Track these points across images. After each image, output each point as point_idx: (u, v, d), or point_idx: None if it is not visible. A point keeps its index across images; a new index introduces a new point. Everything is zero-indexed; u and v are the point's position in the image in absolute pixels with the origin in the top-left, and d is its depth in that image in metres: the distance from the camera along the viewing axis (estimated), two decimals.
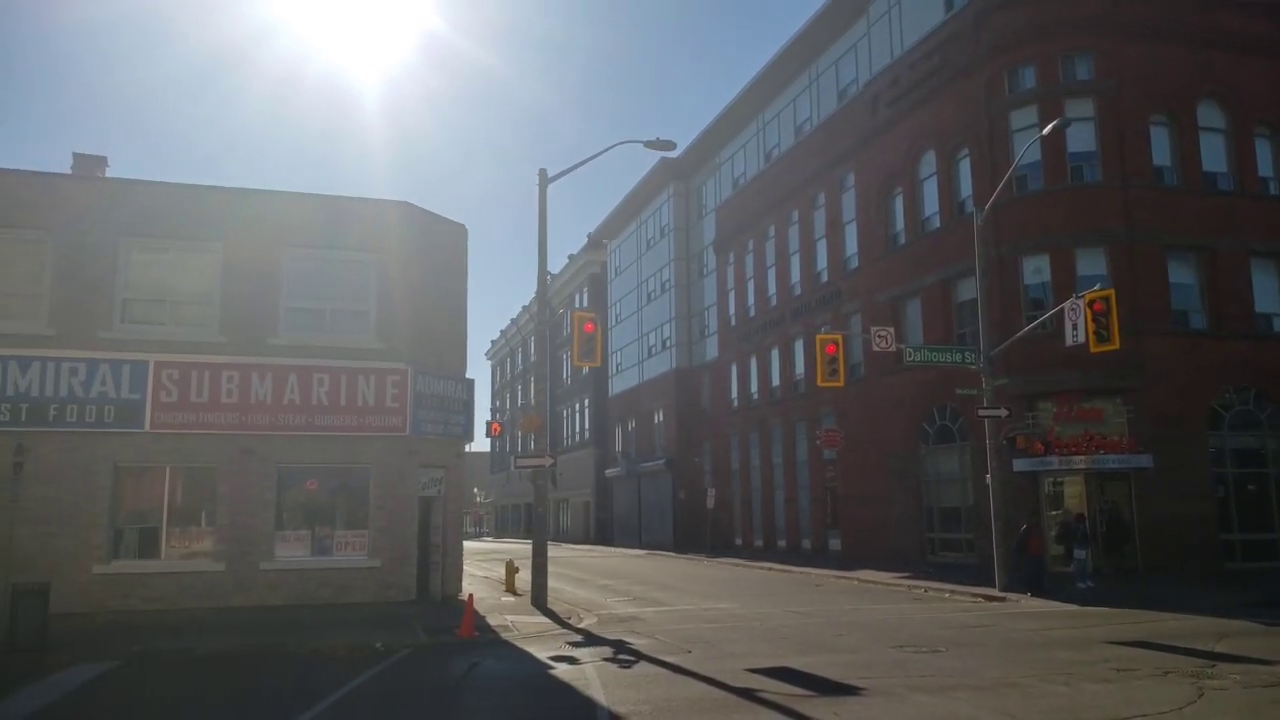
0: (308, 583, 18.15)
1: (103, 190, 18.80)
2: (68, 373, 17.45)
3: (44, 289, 17.84)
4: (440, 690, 11.36)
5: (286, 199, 19.68)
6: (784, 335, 37.84)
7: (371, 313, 19.64)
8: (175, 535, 18.04)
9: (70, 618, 15.77)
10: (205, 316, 18.70)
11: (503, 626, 16.71)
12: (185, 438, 17.93)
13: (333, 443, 18.74)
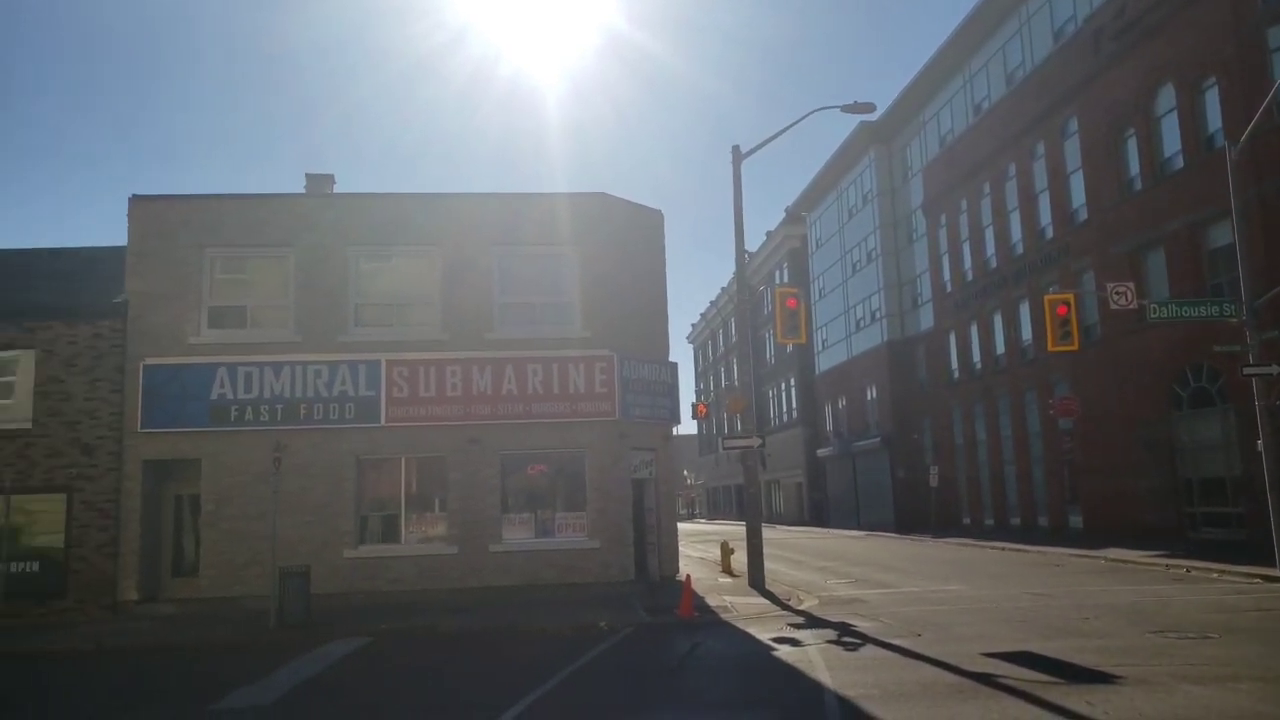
0: (533, 564, 19.10)
1: (333, 206, 20.55)
2: (313, 375, 19.25)
3: (289, 300, 19.75)
4: (664, 669, 11.61)
5: (495, 200, 20.70)
6: (1007, 298, 35.64)
7: (577, 303, 20.32)
8: (413, 521, 19.52)
9: (327, 598, 17.46)
10: (429, 317, 20.04)
11: (721, 607, 16.86)
12: (417, 430, 19.33)
13: (549, 429, 19.58)
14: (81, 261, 21.48)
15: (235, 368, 19.01)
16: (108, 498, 18.45)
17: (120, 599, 18.21)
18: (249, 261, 20.04)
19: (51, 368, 18.74)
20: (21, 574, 17.88)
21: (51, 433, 18.53)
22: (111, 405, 18.74)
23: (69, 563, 18.27)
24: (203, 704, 10.33)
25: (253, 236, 19.80)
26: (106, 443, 18.62)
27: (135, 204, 19.63)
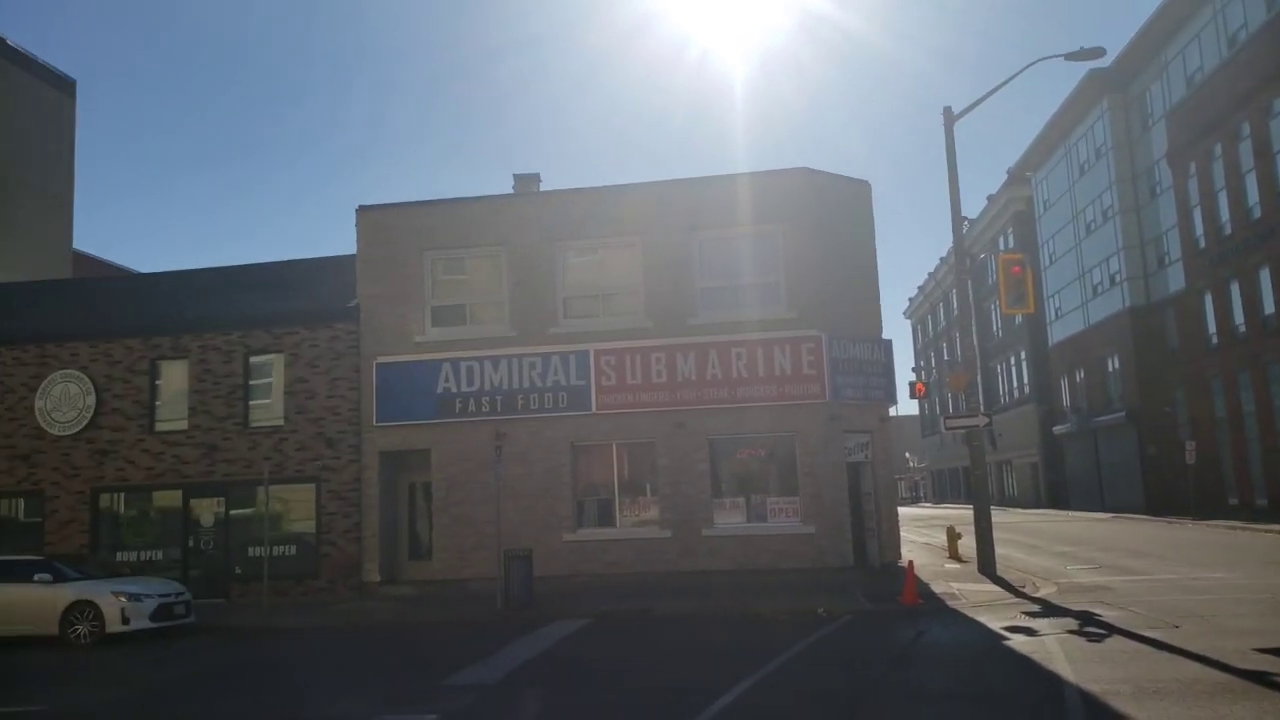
0: (746, 548, 19.03)
1: (540, 203, 21.37)
2: (528, 367, 20.13)
3: (504, 296, 20.76)
4: (887, 657, 11.19)
5: (692, 185, 20.73)
6: (1274, 251, 31.65)
7: (781, 283, 19.99)
8: (626, 505, 19.99)
9: (548, 580, 18.22)
10: (633, 305, 20.42)
11: (948, 594, 16.07)
12: (626, 416, 19.76)
13: (756, 413, 19.41)
14: (315, 270, 23.60)
15: (458, 363, 20.21)
16: (350, 487, 20.20)
17: (364, 580, 19.90)
18: (466, 262, 21.23)
19: (297, 369, 20.73)
20: (282, 556, 19.93)
21: (300, 428, 20.51)
22: (349, 402, 20.47)
23: (320, 546, 20.18)
24: (436, 679, 11.04)
25: (468, 238, 20.96)
26: (347, 436, 20.38)
27: (362, 214, 21.29)
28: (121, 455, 20.95)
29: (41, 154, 30.44)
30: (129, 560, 20.35)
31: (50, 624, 15.32)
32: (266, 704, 10.50)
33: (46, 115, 30.82)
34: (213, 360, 21.01)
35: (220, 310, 21.77)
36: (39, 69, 30.62)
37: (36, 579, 15.74)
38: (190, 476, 20.67)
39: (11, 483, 21.20)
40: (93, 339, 21.46)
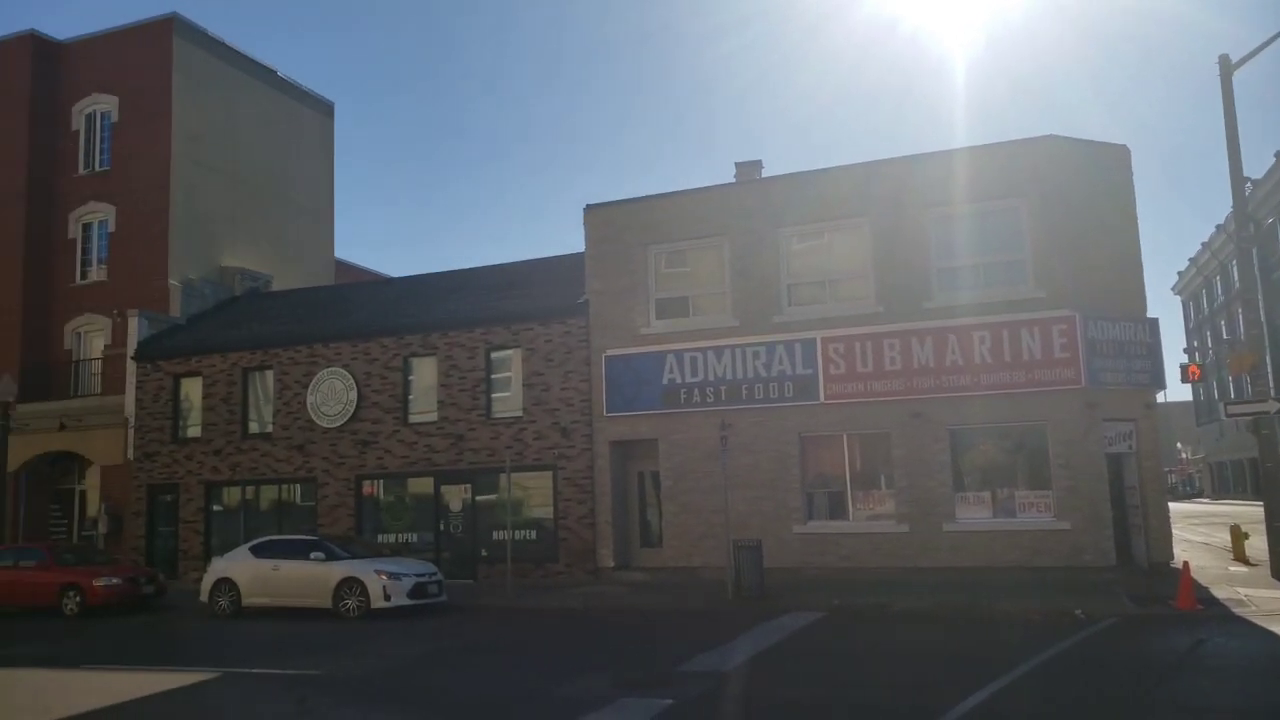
0: (992, 545, 18.02)
1: (760, 190, 21.27)
2: (752, 356, 20.11)
3: (726, 286, 20.86)
4: (1158, 666, 10.24)
5: (925, 160, 19.84)
6: None
7: (1028, 260, 18.74)
8: (859, 498, 19.50)
9: (778, 571, 18.11)
10: (861, 290, 19.87)
11: (1233, 600, 14.46)
12: (856, 406, 19.27)
13: (1002, 401, 18.33)
14: (547, 269, 24.81)
15: (682, 354, 20.54)
16: (584, 475, 21.06)
17: (600, 565, 20.68)
18: (688, 254, 21.50)
19: (534, 363, 21.86)
20: (524, 540, 21.11)
21: (537, 419, 21.62)
22: (581, 393, 21.33)
23: (558, 532, 21.18)
24: (671, 663, 11.29)
25: (691, 230, 21.23)
26: (580, 426, 21.25)
27: (589, 212, 22.10)
28: (380, 445, 23.00)
29: (307, 173, 33.96)
30: (389, 542, 22.30)
31: (325, 598, 17.09)
32: (514, 678, 11.17)
33: (310, 137, 34.35)
34: (458, 356, 22.59)
35: (464, 309, 23.36)
36: (303, 95, 34.17)
37: (313, 557, 17.61)
38: (440, 464, 22.35)
39: (290, 470, 23.84)
40: (353, 339, 23.69)
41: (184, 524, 24.70)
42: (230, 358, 24.80)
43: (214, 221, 29.37)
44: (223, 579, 18.13)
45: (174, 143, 28.16)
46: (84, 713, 9.74)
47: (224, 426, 24.61)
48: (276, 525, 23.16)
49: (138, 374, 25.74)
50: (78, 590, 18.99)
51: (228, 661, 12.62)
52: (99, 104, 29.28)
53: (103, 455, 26.21)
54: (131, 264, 27.98)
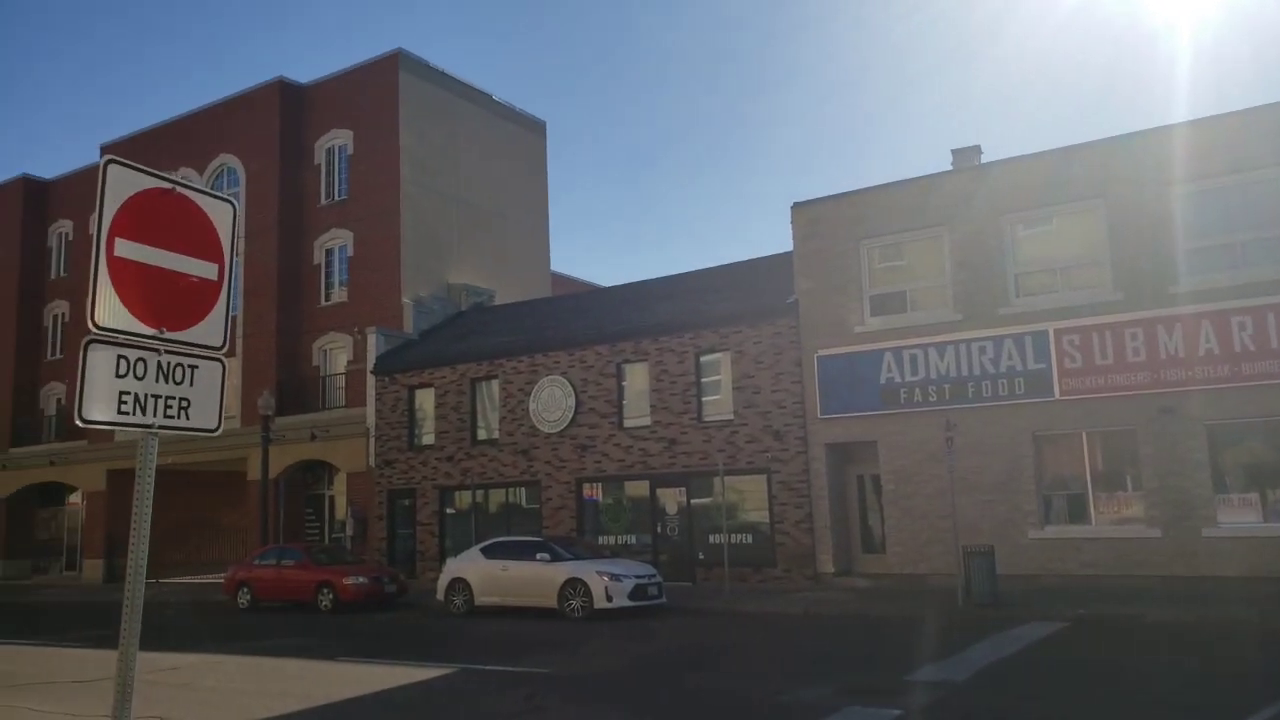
0: (1263, 552, 16.11)
1: (979, 176, 20.19)
2: (977, 351, 19.10)
3: (946, 279, 19.94)
4: None
5: (1165, 134, 18.14)
6: None
7: None
8: (1101, 501, 18.03)
9: (1011, 579, 17.02)
10: (1096, 277, 18.43)
11: None
12: (1096, 402, 17.85)
13: (1270, 393, 16.40)
14: (754, 270, 24.70)
15: (900, 351, 19.82)
16: (799, 478, 20.74)
17: (819, 570, 20.29)
18: (904, 246, 20.75)
19: (743, 366, 21.79)
20: (739, 544, 21.06)
21: (749, 422, 21.52)
22: (794, 395, 21.04)
23: (774, 536, 20.97)
24: (898, 673, 10.85)
25: (905, 222, 20.47)
26: (793, 429, 20.96)
27: (797, 210, 21.80)
28: (598, 449, 23.69)
29: (523, 190, 35.68)
30: (608, 543, 22.90)
31: (550, 598, 17.76)
32: (736, 682, 11.12)
33: (524, 156, 36.07)
34: (668, 361, 22.91)
35: (672, 315, 23.68)
36: (516, 116, 35.94)
37: (538, 558, 18.35)
38: (655, 468, 22.73)
39: (515, 474, 25.01)
40: (570, 348, 24.58)
41: (420, 526, 26.48)
42: (459, 369, 26.38)
43: (440, 242, 31.41)
44: (457, 579, 19.24)
45: (402, 169, 30.37)
46: (340, 700, 10.59)
47: (455, 434, 26.19)
48: (505, 527, 24.36)
49: (376, 387, 27.89)
50: (331, 588, 20.77)
51: (462, 657, 13.34)
52: (336, 139, 32.07)
53: (348, 463, 28.58)
54: (369, 285, 30.39)
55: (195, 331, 4.42)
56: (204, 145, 33.93)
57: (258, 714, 9.91)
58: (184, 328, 4.36)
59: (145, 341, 4.21)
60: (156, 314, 4.22)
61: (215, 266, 4.53)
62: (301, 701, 10.54)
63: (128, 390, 4.13)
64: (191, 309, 4.40)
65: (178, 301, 4.33)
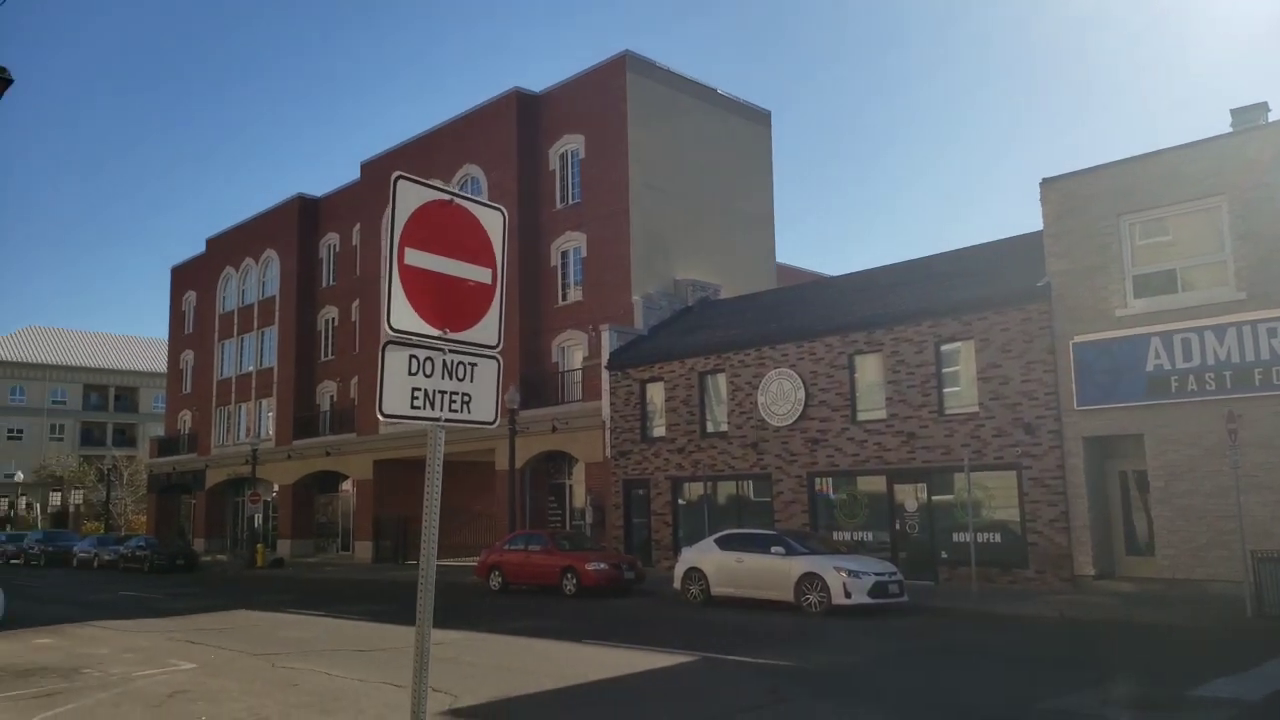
0: None
1: (1268, 137, 18.06)
2: (1265, 334, 17.13)
3: (1225, 254, 18.02)
4: None
5: None
6: None
7: None
8: None
9: None
10: None
11: None
12: None
13: None
14: (998, 253, 23.39)
15: (1169, 336, 18.15)
16: (1053, 474, 19.45)
17: (1076, 573, 18.95)
18: (1172, 220, 18.96)
19: (989, 355, 20.71)
20: (986, 543, 20.06)
21: (995, 414, 20.43)
22: (1046, 385, 19.75)
23: (1025, 535, 19.80)
24: (1178, 687, 9.96)
25: (1172, 193, 18.70)
26: (1046, 421, 19.68)
27: (1046, 186, 20.44)
28: (829, 443, 23.34)
29: (748, 183, 35.71)
30: (843, 539, 22.52)
31: (786, 591, 17.71)
32: (990, 686, 10.64)
33: (749, 148, 36.08)
34: (905, 351, 22.17)
35: (909, 302, 22.90)
36: (740, 109, 36.00)
37: (773, 551, 18.33)
38: (892, 463, 22.09)
39: (745, 467, 25.13)
40: (798, 339, 24.36)
41: (655, 516, 27.21)
42: (687, 363, 26.85)
43: (667, 238, 32.06)
44: (693, 568, 19.61)
45: (631, 169, 31.25)
46: (590, 682, 11.10)
47: (685, 426, 26.69)
48: (736, 519, 24.55)
49: (610, 381, 28.91)
50: (574, 573, 21.78)
51: (702, 646, 13.57)
52: (569, 144, 33.49)
53: (586, 453, 29.83)
54: (601, 284, 31.54)
55: (474, 332, 4.79)
56: (450, 158, 36.47)
57: (517, 689, 10.59)
58: (464, 328, 4.74)
59: (432, 342, 4.61)
60: (441, 316, 4.61)
61: (489, 271, 4.88)
62: (556, 680, 11.14)
63: (419, 387, 4.54)
64: (470, 311, 4.77)
65: (458, 305, 4.71)
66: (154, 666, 12.79)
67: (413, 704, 4.33)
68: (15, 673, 12.81)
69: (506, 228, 5.02)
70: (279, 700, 10.20)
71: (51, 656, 14.16)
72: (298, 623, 17.80)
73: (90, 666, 12.96)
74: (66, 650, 14.79)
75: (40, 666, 13.21)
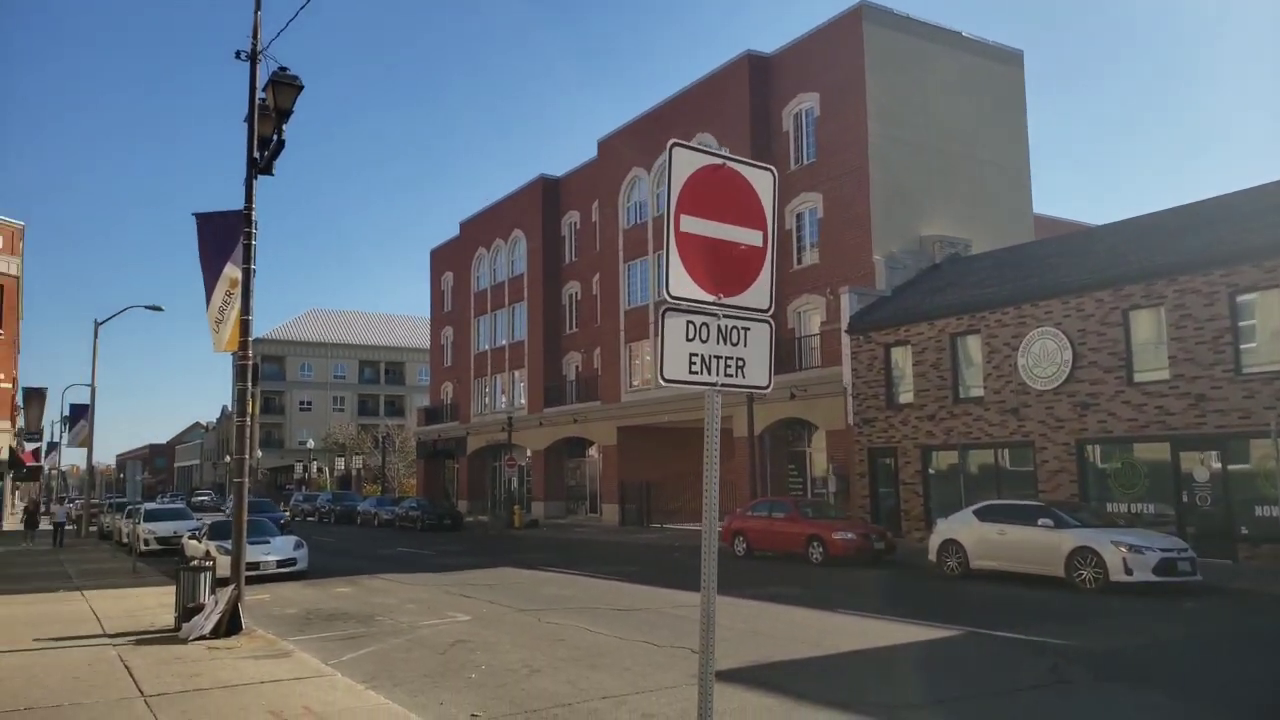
0: None
1: None
2: None
3: None
4: None
5: None
6: None
7: None
8: None
9: None
10: None
11: None
12: None
13: None
14: None
15: None
16: None
17: None
18: None
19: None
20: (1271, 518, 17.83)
21: None
22: None
23: None
24: None
25: None
26: None
27: None
28: (1101, 407, 21.56)
29: (998, 129, 33.43)
30: (1119, 512, 20.78)
31: (1055, 566, 16.59)
32: None
33: (999, 92, 33.73)
34: (1191, 304, 20.01)
35: (1195, 250, 20.61)
36: (988, 50, 33.68)
37: (1040, 523, 17.22)
38: (1176, 428, 20.07)
39: (1004, 434, 23.74)
40: (1063, 295, 22.59)
41: (903, 485, 26.36)
42: (936, 325, 25.67)
43: (910, 194, 30.70)
44: (949, 540, 18.83)
45: (870, 124, 30.12)
46: (849, 651, 10.94)
47: (935, 392, 25.59)
48: (993, 489, 23.30)
49: (851, 346, 28.20)
50: (820, 541, 21.56)
51: (964, 620, 13.02)
52: (803, 103, 32.76)
53: (826, 421, 29.35)
54: (839, 245, 30.75)
55: (746, 296, 4.75)
56: (682, 128, 36.70)
57: (773, 655, 10.62)
58: (737, 293, 4.71)
59: (707, 307, 4.62)
60: (715, 282, 4.61)
61: (760, 233, 4.82)
62: (811, 648, 11.08)
63: (695, 353, 4.57)
64: (742, 275, 4.73)
65: (731, 269, 4.69)
66: (435, 617, 13.95)
67: (700, 664, 4.39)
68: (323, 617, 14.41)
69: (776, 188, 4.93)
70: (548, 654, 10.82)
71: (349, 604, 15.81)
72: (557, 581, 18.81)
73: (382, 614, 14.34)
74: (361, 599, 16.46)
75: (342, 612, 14.78)
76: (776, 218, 4.87)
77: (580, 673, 9.75)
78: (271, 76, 12.90)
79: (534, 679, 9.49)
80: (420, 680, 9.56)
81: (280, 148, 13.10)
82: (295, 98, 12.97)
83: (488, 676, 9.65)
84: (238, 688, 8.86)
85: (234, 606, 11.88)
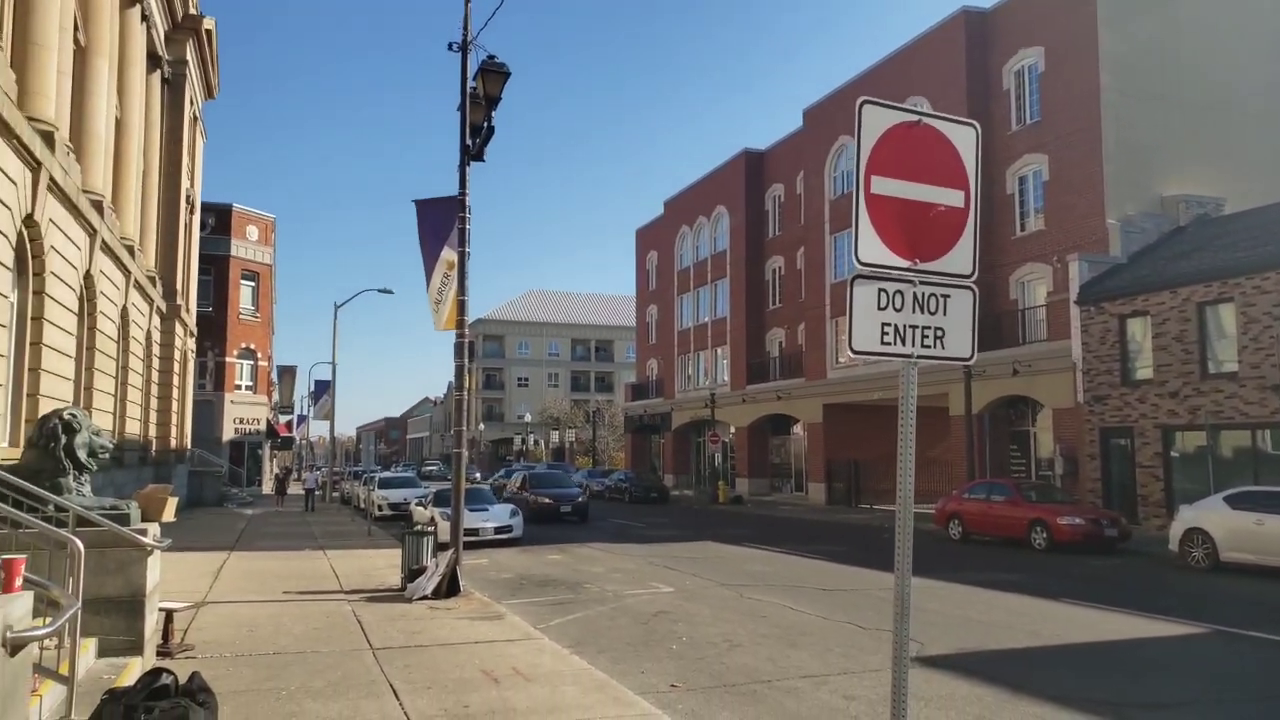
0: None
1: None
2: None
3: None
4: None
5: None
6: None
7: None
8: None
9: None
10: None
11: None
12: None
13: None
14: None
15: None
16: None
17: None
18: None
19: None
20: None
21: None
22: None
23: None
24: None
25: None
26: None
27: None
28: None
29: (1263, 71, 29.87)
30: None
31: None
32: None
33: (1265, 26, 30.14)
34: None
35: None
36: None
37: None
38: None
39: (1262, 414, 21.36)
40: None
41: (1140, 468, 24.32)
42: (1180, 293, 23.41)
43: (1150, 151, 28.07)
44: (1194, 529, 17.22)
45: (1102, 78, 27.74)
46: (1074, 644, 10.24)
47: (1178, 367, 23.38)
48: (1249, 475, 21.06)
49: (1081, 318, 26.24)
50: (1044, 526, 20.28)
51: (1210, 617, 11.88)
52: (1025, 59, 30.61)
53: (1052, 398, 27.49)
54: (1067, 209, 28.60)
55: (946, 261, 4.49)
56: (892, 92, 35.24)
57: (988, 643, 10.12)
58: (935, 258, 4.46)
59: (901, 274, 4.39)
60: (910, 246, 4.38)
61: (961, 194, 4.53)
62: (1030, 638, 10.47)
63: (888, 322, 4.37)
64: (941, 239, 4.47)
65: (928, 232, 4.43)
66: (639, 587, 14.29)
67: (894, 649, 4.22)
68: (535, 582, 15.11)
69: (979, 145, 4.61)
70: (749, 630, 10.81)
71: (559, 571, 16.48)
72: (760, 557, 18.76)
73: (589, 582, 14.85)
74: (570, 566, 17.11)
75: (552, 579, 15.43)
76: (979, 177, 4.56)
77: (780, 650, 9.69)
78: (481, 65, 13.49)
79: (734, 653, 9.52)
80: (623, 648, 9.81)
81: (490, 134, 13.71)
82: (504, 84, 13.51)
83: (688, 648, 9.77)
84: (454, 646, 9.43)
85: (453, 570, 12.65)
